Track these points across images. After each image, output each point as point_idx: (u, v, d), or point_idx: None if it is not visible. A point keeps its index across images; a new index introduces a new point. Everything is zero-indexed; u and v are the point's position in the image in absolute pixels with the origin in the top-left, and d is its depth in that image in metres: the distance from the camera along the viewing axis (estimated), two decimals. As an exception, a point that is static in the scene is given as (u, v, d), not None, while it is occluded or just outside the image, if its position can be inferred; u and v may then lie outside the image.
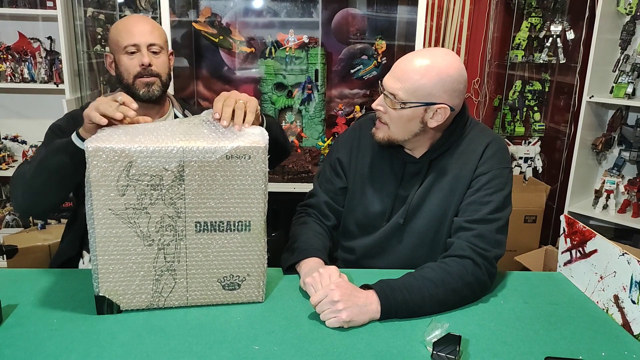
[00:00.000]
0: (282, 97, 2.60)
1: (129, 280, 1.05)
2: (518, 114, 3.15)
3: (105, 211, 1.00)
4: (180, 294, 1.09)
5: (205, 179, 1.02)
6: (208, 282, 1.09)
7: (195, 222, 1.04)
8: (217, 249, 1.07)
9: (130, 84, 1.43)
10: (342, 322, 1.06)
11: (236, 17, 2.55)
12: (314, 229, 1.40)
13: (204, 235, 1.06)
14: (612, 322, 1.14)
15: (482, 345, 1.02)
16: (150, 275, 1.06)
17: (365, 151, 1.42)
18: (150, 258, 1.05)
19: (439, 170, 1.33)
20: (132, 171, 0.98)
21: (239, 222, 1.06)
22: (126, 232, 1.02)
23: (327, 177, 1.47)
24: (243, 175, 1.03)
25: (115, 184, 0.99)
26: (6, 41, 2.74)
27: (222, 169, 1.02)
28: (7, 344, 0.97)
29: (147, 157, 0.98)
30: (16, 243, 2.11)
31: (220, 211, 1.05)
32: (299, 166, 2.51)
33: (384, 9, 2.60)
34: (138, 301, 1.07)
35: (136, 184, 0.99)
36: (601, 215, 2.70)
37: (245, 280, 1.11)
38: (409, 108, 1.23)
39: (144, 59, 1.41)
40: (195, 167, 1.01)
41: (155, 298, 1.08)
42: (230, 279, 1.10)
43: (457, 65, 1.24)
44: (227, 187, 1.03)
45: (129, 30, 1.41)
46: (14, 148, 2.89)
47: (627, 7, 2.58)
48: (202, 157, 1.00)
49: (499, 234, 1.25)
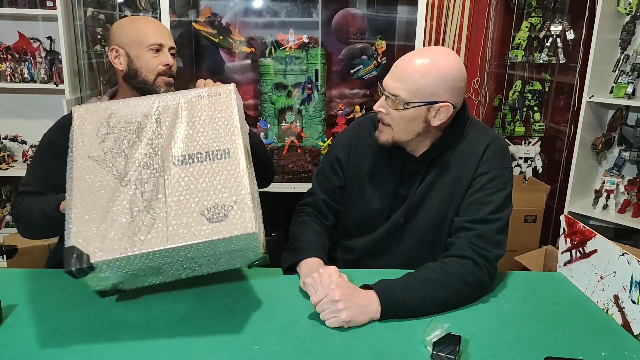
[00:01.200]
0: (282, 97, 2.60)
1: (103, 228, 0.96)
2: (518, 114, 3.15)
3: (85, 160, 1.02)
4: (160, 233, 0.96)
5: (180, 118, 1.07)
6: (190, 216, 0.98)
7: (173, 156, 1.03)
8: (197, 180, 1.01)
9: (150, 80, 1.43)
10: (342, 322, 1.06)
11: (236, 17, 2.55)
12: (313, 229, 1.40)
13: (182, 167, 1.02)
14: (612, 322, 1.14)
15: (482, 345, 1.02)
16: (126, 217, 0.97)
17: (364, 150, 1.41)
18: (126, 199, 0.99)
19: (440, 170, 1.33)
20: (111, 121, 1.05)
21: (217, 151, 1.04)
22: (103, 176, 1.01)
23: (325, 176, 1.47)
24: (216, 108, 1.08)
25: (96, 132, 1.05)
26: (6, 41, 2.74)
27: (196, 107, 1.08)
28: (7, 344, 0.97)
29: (125, 106, 1.07)
30: (16, 243, 2.11)
31: (198, 143, 1.05)
32: (299, 166, 2.51)
33: (384, 9, 2.60)
34: (111, 248, 0.94)
35: (114, 130, 1.05)
36: (601, 215, 2.70)
37: (232, 208, 0.98)
38: (411, 108, 1.23)
39: (169, 59, 1.44)
40: (171, 109, 1.07)
41: (132, 242, 0.95)
42: (215, 209, 0.98)
43: (457, 64, 1.24)
44: (202, 121, 1.07)
45: (156, 29, 1.43)
46: (14, 148, 2.89)
47: (627, 7, 2.58)
48: (177, 101, 1.08)
49: (499, 234, 1.25)
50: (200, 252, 0.99)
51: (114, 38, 1.45)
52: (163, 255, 0.97)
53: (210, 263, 1.04)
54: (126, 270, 0.97)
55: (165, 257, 0.97)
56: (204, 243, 0.96)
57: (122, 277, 0.99)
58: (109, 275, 0.97)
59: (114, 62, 1.46)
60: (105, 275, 0.97)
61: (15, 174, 2.79)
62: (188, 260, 1.01)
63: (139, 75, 1.43)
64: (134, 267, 0.97)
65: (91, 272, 0.95)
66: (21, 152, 2.85)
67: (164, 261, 0.98)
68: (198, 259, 1.01)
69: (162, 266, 1.00)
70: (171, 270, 1.03)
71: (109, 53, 1.46)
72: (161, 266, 1.00)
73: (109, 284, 1.02)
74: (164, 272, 1.03)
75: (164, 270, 1.02)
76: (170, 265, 1.01)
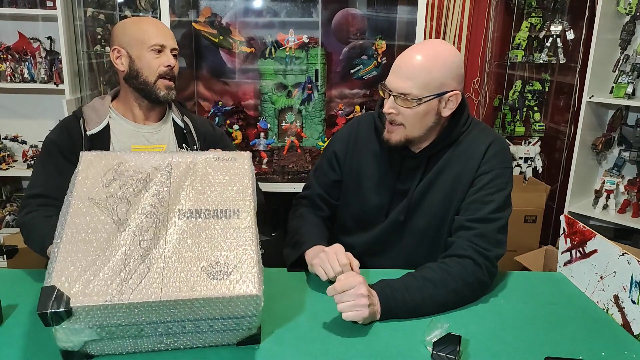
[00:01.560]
0: (282, 97, 2.60)
1: (92, 271, 0.87)
2: (518, 114, 3.15)
3: (84, 201, 0.96)
4: (154, 285, 0.86)
5: (192, 174, 1.04)
6: (189, 270, 0.90)
7: (179, 209, 0.98)
8: (201, 235, 0.95)
9: (151, 81, 1.44)
10: (361, 318, 1.05)
11: (236, 17, 2.55)
12: (311, 221, 1.42)
13: (187, 221, 0.96)
14: (612, 322, 1.14)
15: (482, 345, 1.02)
16: (118, 263, 0.88)
17: (363, 145, 1.42)
18: (122, 244, 0.91)
19: (440, 168, 1.33)
20: (120, 168, 1.01)
21: (227, 210, 1.00)
22: (100, 219, 0.94)
23: (322, 170, 1.49)
24: (229, 172, 1.06)
25: (102, 176, 1.00)
26: (6, 41, 2.74)
27: (210, 166, 1.06)
28: (7, 344, 0.98)
29: (137, 158, 1.04)
30: (16, 243, 2.10)
31: (207, 200, 1.00)
32: (299, 166, 2.51)
33: (384, 9, 2.60)
34: (96, 294, 0.84)
35: (121, 177, 1.01)
36: (601, 215, 2.70)
37: (236, 268, 0.91)
38: (424, 103, 1.23)
39: (171, 60, 1.44)
40: (184, 166, 1.04)
41: (120, 290, 0.85)
42: (217, 267, 0.91)
43: (455, 51, 1.28)
44: (214, 180, 1.04)
45: (158, 30, 1.43)
46: (14, 148, 2.89)
47: (627, 7, 2.58)
48: (191, 158, 1.06)
49: (500, 233, 1.25)
50: (194, 312, 0.89)
51: (116, 38, 1.45)
52: (151, 310, 0.86)
53: (199, 330, 0.93)
54: (105, 324, 0.86)
55: (153, 314, 0.87)
56: (201, 301, 0.87)
57: (97, 333, 0.88)
58: (84, 327, 0.86)
59: (115, 62, 1.45)
60: (80, 328, 0.85)
61: (15, 174, 2.79)
62: (176, 322, 0.90)
63: (140, 76, 1.43)
64: (115, 320, 0.86)
65: (66, 320, 0.83)
66: (21, 152, 2.85)
67: (149, 319, 0.88)
68: (187, 322, 0.90)
69: (144, 327, 0.89)
70: (154, 334, 0.92)
71: (110, 53, 1.45)
72: (143, 327, 0.89)
73: (80, 342, 0.89)
74: (144, 335, 0.92)
75: (144, 332, 0.91)
76: (154, 328, 0.90)
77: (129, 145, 1.48)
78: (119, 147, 1.46)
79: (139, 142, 1.50)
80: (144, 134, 1.50)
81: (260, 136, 2.53)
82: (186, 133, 1.56)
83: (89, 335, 0.88)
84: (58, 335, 0.86)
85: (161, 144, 1.53)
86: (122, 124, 1.49)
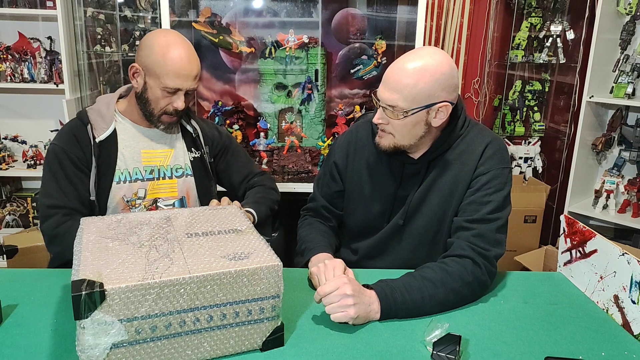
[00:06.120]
0: (282, 97, 2.60)
1: (115, 267, 0.90)
2: (518, 114, 3.15)
3: (96, 237, 1.03)
4: (180, 268, 0.91)
5: (190, 217, 1.14)
6: (211, 257, 0.96)
7: (186, 233, 1.06)
8: (211, 243, 1.02)
9: (155, 114, 1.43)
10: (348, 318, 1.05)
11: (236, 17, 2.55)
12: (319, 229, 1.44)
13: (195, 238, 1.04)
14: (612, 322, 1.14)
15: (482, 345, 1.02)
16: (140, 262, 0.93)
17: (362, 153, 1.42)
18: (141, 252, 0.97)
19: (439, 171, 1.33)
20: (122, 221, 1.10)
21: (229, 230, 1.08)
22: (114, 244, 1.00)
23: (324, 182, 1.50)
24: (223, 213, 1.18)
25: (107, 227, 1.07)
26: (6, 41, 2.74)
27: (205, 213, 1.18)
28: (7, 344, 0.98)
29: (136, 215, 1.14)
30: (16, 243, 2.11)
31: (208, 227, 1.10)
32: (299, 166, 2.51)
33: (384, 9, 2.60)
34: (126, 279, 0.87)
35: (126, 225, 1.08)
36: (601, 215, 2.70)
37: (253, 253, 0.98)
38: (411, 115, 1.23)
39: (180, 104, 1.41)
40: (182, 215, 1.16)
41: (149, 274, 0.89)
42: (235, 255, 0.97)
43: (447, 61, 1.23)
44: (211, 217, 1.15)
45: (178, 74, 1.37)
46: (14, 148, 2.89)
47: (627, 7, 2.58)
48: (187, 211, 1.19)
49: (498, 233, 1.25)
50: (222, 290, 0.92)
51: (140, 56, 1.40)
52: (182, 293, 0.89)
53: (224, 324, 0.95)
54: (135, 315, 0.87)
55: (183, 297, 0.89)
56: (227, 274, 0.92)
57: (126, 329, 0.87)
58: (114, 319, 0.85)
59: (131, 77, 1.43)
60: (110, 320, 0.85)
61: (15, 174, 2.79)
62: (203, 310, 0.92)
63: (147, 105, 1.43)
64: (145, 308, 0.87)
65: (98, 309, 0.83)
66: (21, 152, 2.84)
67: (179, 305, 0.90)
68: (215, 309, 0.93)
69: (172, 321, 0.91)
70: (181, 328, 0.92)
71: (129, 68, 1.42)
72: (172, 321, 0.90)
73: (105, 349, 0.87)
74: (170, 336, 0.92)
75: (172, 329, 0.91)
76: (181, 321, 0.91)
77: (138, 149, 1.48)
78: (127, 151, 1.46)
79: (147, 146, 1.49)
80: (151, 138, 1.50)
81: (260, 136, 2.53)
82: (195, 137, 1.56)
83: (117, 332, 0.86)
84: (85, 337, 0.84)
85: (170, 147, 1.53)
86: (129, 128, 1.48)
